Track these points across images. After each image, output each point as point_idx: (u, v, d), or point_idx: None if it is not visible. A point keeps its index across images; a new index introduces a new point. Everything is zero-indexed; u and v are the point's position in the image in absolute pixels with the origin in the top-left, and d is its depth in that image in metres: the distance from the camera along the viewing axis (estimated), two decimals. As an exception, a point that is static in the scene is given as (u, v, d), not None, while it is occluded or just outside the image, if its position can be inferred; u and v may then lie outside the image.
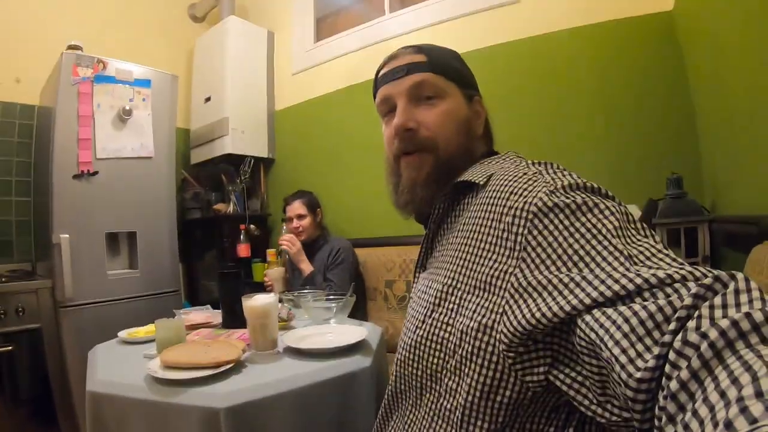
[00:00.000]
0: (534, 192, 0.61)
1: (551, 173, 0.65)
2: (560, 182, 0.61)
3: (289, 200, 2.70)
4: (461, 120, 0.86)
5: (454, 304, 0.67)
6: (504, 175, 0.69)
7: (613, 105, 2.30)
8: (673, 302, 0.41)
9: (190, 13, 3.85)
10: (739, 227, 1.48)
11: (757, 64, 1.30)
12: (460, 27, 2.73)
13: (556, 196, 0.59)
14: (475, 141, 0.88)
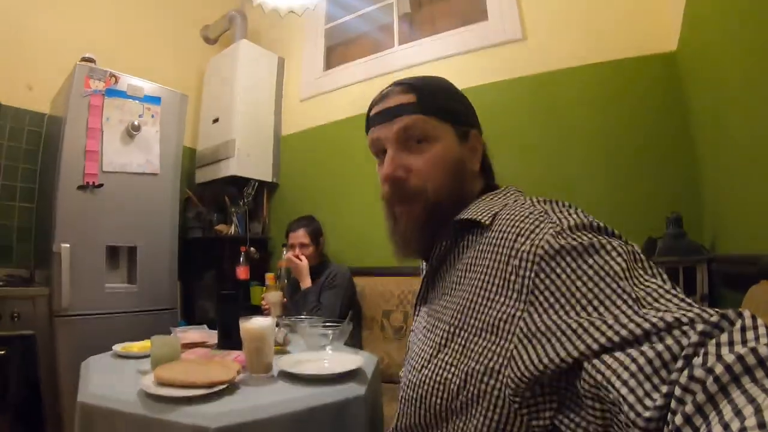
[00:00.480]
0: (541, 234, 0.61)
1: (557, 212, 0.64)
2: (566, 222, 0.61)
3: (293, 227, 2.70)
4: (453, 162, 0.83)
5: (459, 346, 0.67)
6: (510, 214, 0.68)
7: (614, 143, 2.33)
8: (681, 341, 0.41)
9: (203, 35, 3.94)
10: (738, 267, 1.49)
11: (757, 105, 1.32)
12: (467, 62, 2.79)
13: (563, 238, 0.58)
14: (471, 179, 0.86)
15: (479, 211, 0.75)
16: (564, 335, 0.51)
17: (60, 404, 2.29)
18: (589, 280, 0.53)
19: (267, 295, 2.53)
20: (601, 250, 0.56)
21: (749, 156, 1.44)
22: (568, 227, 0.60)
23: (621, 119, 2.33)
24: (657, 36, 2.26)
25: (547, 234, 0.60)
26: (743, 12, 1.36)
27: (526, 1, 2.67)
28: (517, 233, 0.64)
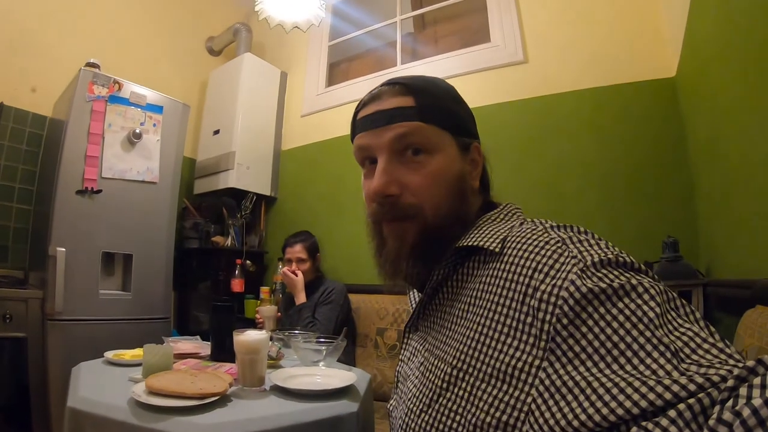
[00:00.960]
0: (564, 272, 0.53)
1: (576, 243, 0.58)
2: (590, 257, 0.54)
3: (290, 242, 2.69)
4: (454, 178, 0.73)
5: (464, 391, 0.59)
6: (522, 242, 0.61)
7: (612, 167, 2.35)
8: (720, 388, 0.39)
9: (208, 46, 3.97)
10: (733, 291, 1.49)
11: (753, 131, 1.34)
12: (469, 83, 2.82)
13: (589, 278, 0.51)
14: (471, 197, 0.76)
15: (485, 236, 0.66)
16: (595, 393, 0.45)
17: (49, 409, 2.26)
18: (620, 327, 0.47)
19: (261, 309, 2.52)
20: (632, 293, 0.49)
21: (744, 182, 1.45)
22: (592, 264, 0.53)
23: (619, 143, 2.35)
24: (656, 62, 2.30)
25: (571, 273, 0.53)
26: (742, 41, 1.38)
27: (528, 24, 2.71)
28: (534, 268, 0.56)
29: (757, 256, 1.38)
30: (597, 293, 0.49)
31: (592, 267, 0.53)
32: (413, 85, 0.74)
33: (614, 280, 0.51)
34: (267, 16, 2.59)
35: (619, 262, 0.54)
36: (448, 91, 0.79)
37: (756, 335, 0.94)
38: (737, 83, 1.45)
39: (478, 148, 0.78)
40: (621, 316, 0.48)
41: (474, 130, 0.80)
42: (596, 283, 0.50)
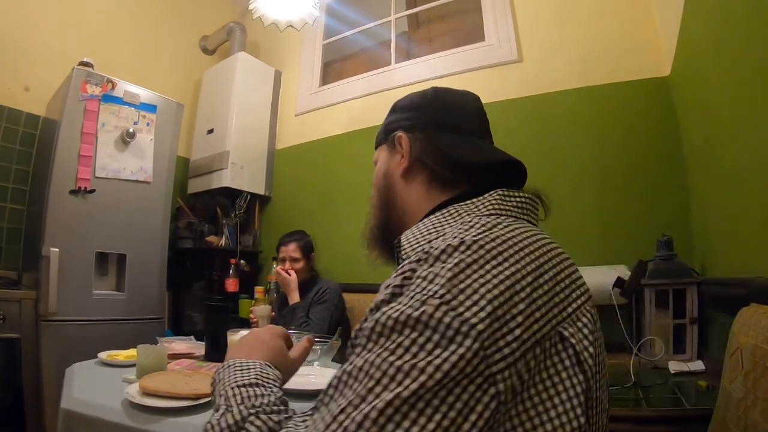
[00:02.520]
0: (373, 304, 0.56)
1: (420, 282, 0.53)
2: (391, 302, 0.53)
3: (284, 241, 2.68)
4: (380, 180, 0.84)
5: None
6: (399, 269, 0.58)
7: (606, 166, 2.36)
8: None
9: (202, 45, 3.96)
10: (727, 289, 1.50)
11: (747, 131, 1.34)
12: (463, 82, 2.82)
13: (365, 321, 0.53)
14: (400, 189, 0.80)
15: (411, 242, 0.67)
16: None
17: (43, 410, 2.25)
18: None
19: (255, 309, 2.51)
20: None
21: (738, 181, 1.46)
22: (374, 306, 0.53)
23: (614, 142, 2.36)
24: (651, 61, 2.31)
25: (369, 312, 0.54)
26: (735, 40, 1.39)
27: (522, 23, 2.72)
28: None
29: (752, 254, 1.39)
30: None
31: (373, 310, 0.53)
32: (387, 117, 0.88)
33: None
34: (261, 15, 2.57)
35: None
36: (395, 105, 0.88)
37: (751, 333, 0.94)
38: (731, 82, 1.46)
39: (401, 138, 0.81)
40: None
41: (405, 121, 0.83)
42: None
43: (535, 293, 0.52)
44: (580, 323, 0.57)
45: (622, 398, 1.45)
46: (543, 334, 0.51)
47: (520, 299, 0.50)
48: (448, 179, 0.76)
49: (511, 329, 0.48)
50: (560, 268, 0.59)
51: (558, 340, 0.53)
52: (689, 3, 1.80)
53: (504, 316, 0.48)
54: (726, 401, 1.00)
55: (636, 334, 1.95)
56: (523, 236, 0.58)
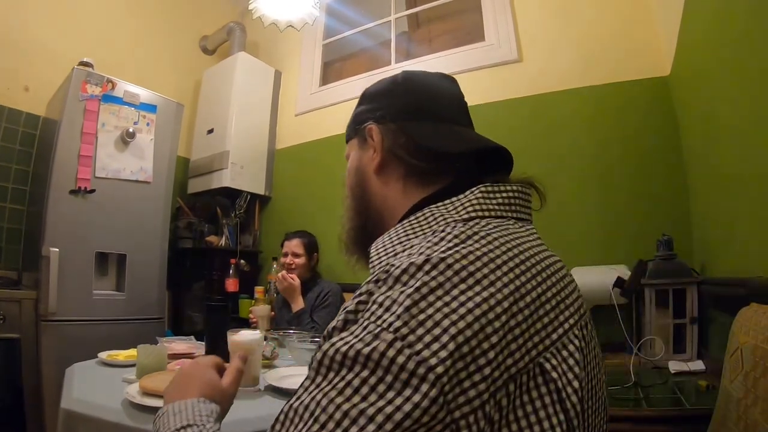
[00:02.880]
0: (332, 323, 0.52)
1: (376, 307, 0.48)
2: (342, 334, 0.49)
3: (289, 236, 2.69)
4: (353, 180, 0.78)
5: None
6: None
7: (606, 165, 2.35)
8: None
9: (202, 45, 3.95)
10: (727, 289, 1.50)
11: (747, 130, 1.34)
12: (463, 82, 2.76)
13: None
14: (373, 186, 0.74)
15: (380, 253, 0.60)
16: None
17: (43, 410, 2.25)
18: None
19: (255, 309, 2.50)
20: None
21: (738, 181, 1.46)
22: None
23: (614, 142, 2.35)
24: (651, 60, 2.31)
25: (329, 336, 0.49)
26: (735, 40, 1.39)
27: (522, 23, 2.71)
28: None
29: (752, 254, 1.39)
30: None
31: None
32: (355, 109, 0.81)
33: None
34: (261, 14, 2.57)
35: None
36: (363, 94, 0.81)
37: (751, 333, 0.94)
38: (731, 82, 1.46)
39: (372, 130, 0.73)
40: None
41: (375, 112, 0.75)
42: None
43: (512, 321, 0.46)
44: (565, 351, 0.50)
45: (622, 398, 1.45)
46: (519, 368, 0.45)
47: (493, 330, 0.44)
48: (426, 173, 0.68)
49: (479, 367, 0.42)
50: (546, 286, 0.52)
51: (538, 373, 0.47)
52: (689, 3, 1.80)
53: (471, 353, 0.42)
54: (726, 401, 1.00)
55: (636, 333, 1.95)
56: (503, 249, 0.51)
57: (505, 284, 0.47)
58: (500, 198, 0.61)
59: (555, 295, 0.53)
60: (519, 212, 0.63)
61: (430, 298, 0.44)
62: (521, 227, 0.59)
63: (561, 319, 0.52)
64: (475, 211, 0.59)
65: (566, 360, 0.50)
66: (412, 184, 0.69)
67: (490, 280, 0.46)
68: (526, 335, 0.46)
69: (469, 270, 0.46)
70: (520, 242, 0.54)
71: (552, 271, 0.55)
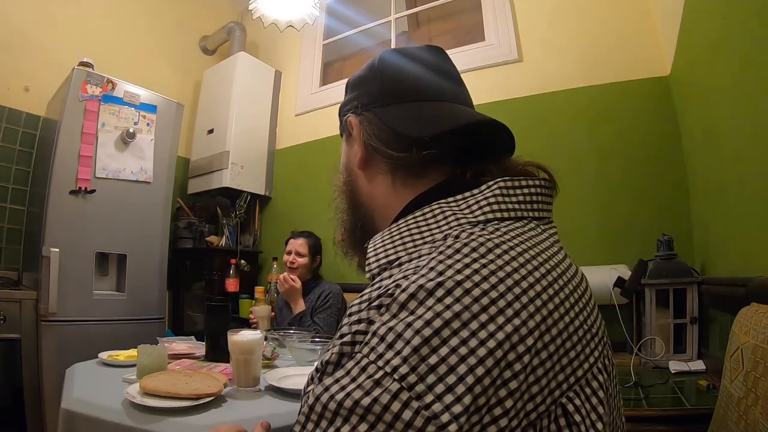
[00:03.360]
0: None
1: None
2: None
3: (295, 234, 2.70)
4: (342, 178, 0.71)
5: None
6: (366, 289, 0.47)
7: (606, 165, 2.35)
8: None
9: (202, 45, 3.95)
10: (728, 289, 1.50)
11: (747, 130, 1.34)
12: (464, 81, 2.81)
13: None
14: (364, 188, 0.67)
15: (379, 252, 0.53)
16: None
17: (43, 410, 2.25)
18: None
19: (255, 309, 2.50)
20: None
21: (739, 180, 1.46)
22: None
23: (614, 142, 2.35)
24: (651, 60, 2.30)
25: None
26: (735, 40, 1.39)
27: (522, 23, 2.71)
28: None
29: (752, 253, 1.39)
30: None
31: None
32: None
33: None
34: (261, 14, 2.57)
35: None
36: (346, 84, 0.75)
37: (751, 333, 0.94)
38: (731, 82, 1.46)
39: (350, 122, 0.67)
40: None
41: (355, 101, 0.68)
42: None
43: (536, 360, 0.39)
44: (588, 389, 0.44)
45: (623, 398, 1.45)
46: (540, 412, 0.40)
47: (513, 374, 0.37)
48: (412, 164, 0.59)
49: (494, 419, 0.36)
50: (575, 313, 0.45)
51: (560, 414, 0.41)
52: (689, 3, 1.79)
53: (487, 404, 0.36)
54: (726, 400, 1.00)
55: (636, 333, 1.95)
56: (529, 267, 0.43)
57: (531, 315, 0.40)
58: (521, 195, 0.54)
59: (583, 324, 0.46)
60: (541, 210, 0.57)
61: (444, 333, 0.37)
62: (542, 231, 0.54)
63: (587, 351, 0.45)
64: (493, 212, 0.51)
65: (590, 399, 0.44)
66: (401, 178, 0.62)
67: (515, 310, 0.39)
68: (550, 374, 0.40)
69: (491, 296, 0.39)
70: (547, 257, 0.47)
71: (581, 292, 0.49)
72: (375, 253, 0.53)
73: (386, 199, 0.63)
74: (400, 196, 0.61)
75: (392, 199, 0.62)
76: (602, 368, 0.47)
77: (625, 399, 1.45)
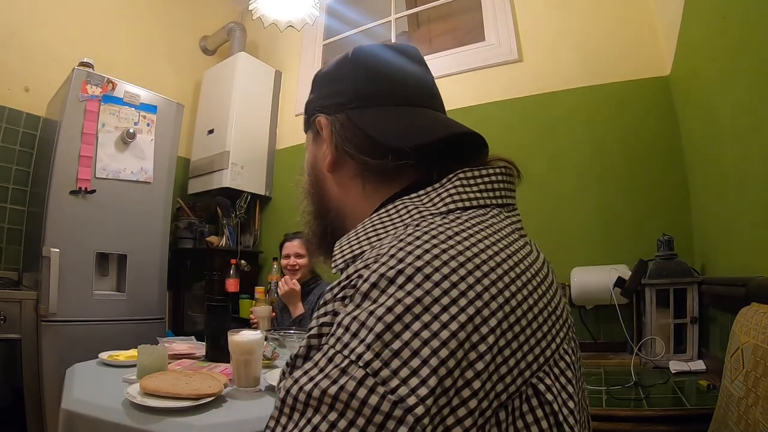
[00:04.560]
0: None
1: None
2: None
3: (290, 237, 2.68)
4: (309, 179, 0.69)
5: None
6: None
7: (607, 165, 2.35)
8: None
9: (202, 45, 3.95)
10: (728, 289, 1.50)
11: (747, 130, 1.34)
12: (464, 82, 2.82)
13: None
14: (333, 192, 0.65)
15: (344, 248, 0.53)
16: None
17: (43, 410, 2.25)
18: None
19: (255, 309, 2.50)
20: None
21: (739, 180, 1.46)
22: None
23: (614, 142, 2.35)
24: (651, 60, 2.30)
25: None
26: (735, 40, 1.38)
27: (523, 23, 2.71)
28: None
29: (752, 253, 1.39)
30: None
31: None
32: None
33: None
34: (261, 15, 2.57)
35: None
36: (314, 78, 0.71)
37: (751, 333, 0.94)
38: (731, 82, 1.46)
39: (320, 122, 0.65)
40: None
41: (325, 100, 0.66)
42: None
43: (502, 340, 0.40)
44: (557, 369, 0.45)
45: (623, 398, 1.45)
46: (510, 393, 0.40)
47: (478, 355, 0.38)
48: (385, 170, 0.59)
49: (463, 401, 0.36)
50: (539, 294, 0.46)
51: (531, 395, 0.42)
52: (689, 3, 1.79)
53: (454, 386, 0.36)
54: (727, 400, 1.00)
55: (637, 333, 1.95)
56: (490, 252, 0.44)
57: (494, 296, 0.41)
58: (481, 184, 0.54)
59: (548, 304, 0.47)
60: (504, 197, 0.57)
61: (407, 318, 0.37)
62: (504, 217, 0.54)
63: (553, 332, 0.46)
64: (454, 202, 0.51)
65: (559, 378, 0.45)
66: (371, 182, 0.61)
67: (477, 292, 0.40)
68: (518, 355, 0.41)
69: (452, 280, 0.39)
70: (509, 242, 0.48)
71: (543, 275, 0.49)
72: (340, 249, 0.53)
73: (357, 204, 0.62)
74: (371, 200, 0.60)
75: (363, 203, 0.61)
76: (568, 349, 0.48)
77: (626, 399, 1.45)
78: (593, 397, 1.48)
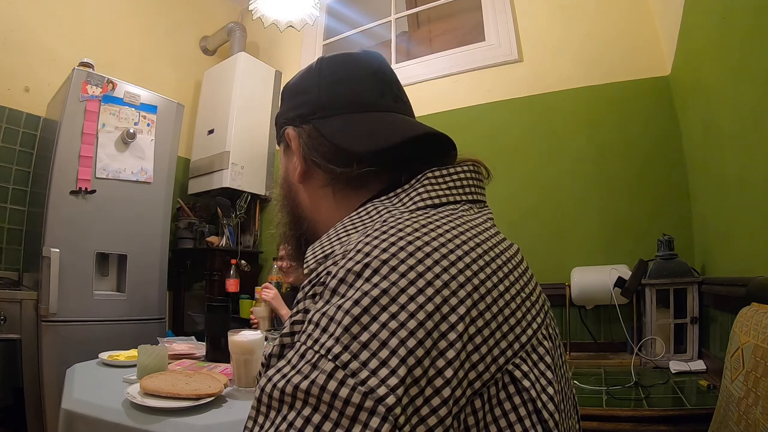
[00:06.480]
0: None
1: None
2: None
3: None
4: (283, 191, 0.71)
5: None
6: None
7: (607, 165, 2.36)
8: None
9: (202, 46, 3.95)
10: (728, 289, 1.50)
11: (747, 130, 1.34)
12: (464, 82, 2.82)
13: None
14: (305, 202, 0.67)
15: (316, 251, 0.53)
16: None
17: (43, 410, 2.25)
18: None
19: (256, 309, 2.50)
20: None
21: (739, 180, 1.46)
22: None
23: (614, 142, 2.36)
24: (651, 60, 2.31)
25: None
26: (735, 40, 1.39)
27: (523, 23, 2.72)
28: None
29: (752, 253, 1.39)
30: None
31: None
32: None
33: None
34: (261, 15, 2.57)
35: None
36: (282, 91, 0.74)
37: (751, 333, 0.94)
38: (731, 82, 1.46)
39: (288, 134, 0.66)
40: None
41: (295, 112, 0.67)
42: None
43: (472, 328, 0.40)
44: (535, 355, 0.45)
45: (623, 398, 1.45)
46: (485, 380, 0.40)
47: (448, 344, 0.38)
48: (352, 177, 0.59)
49: (436, 390, 0.36)
50: (510, 282, 0.46)
51: (508, 382, 0.42)
52: (689, 3, 1.80)
53: (426, 375, 0.36)
54: (727, 400, 1.00)
55: (637, 333, 1.95)
56: (457, 242, 0.44)
57: (461, 284, 0.41)
58: (450, 181, 0.55)
59: (520, 292, 0.47)
60: (473, 193, 0.57)
61: (374, 310, 0.37)
62: (476, 212, 0.54)
63: (528, 318, 0.46)
64: (423, 200, 0.53)
65: (537, 365, 0.45)
66: (341, 190, 0.62)
67: (444, 281, 0.40)
68: (491, 342, 0.41)
69: (418, 270, 0.40)
70: (477, 232, 0.48)
71: (515, 263, 0.50)
72: (312, 250, 0.53)
73: (328, 213, 0.63)
74: (342, 208, 0.60)
75: (334, 212, 0.62)
76: (546, 335, 0.48)
77: (626, 399, 1.45)
78: (593, 397, 1.48)
